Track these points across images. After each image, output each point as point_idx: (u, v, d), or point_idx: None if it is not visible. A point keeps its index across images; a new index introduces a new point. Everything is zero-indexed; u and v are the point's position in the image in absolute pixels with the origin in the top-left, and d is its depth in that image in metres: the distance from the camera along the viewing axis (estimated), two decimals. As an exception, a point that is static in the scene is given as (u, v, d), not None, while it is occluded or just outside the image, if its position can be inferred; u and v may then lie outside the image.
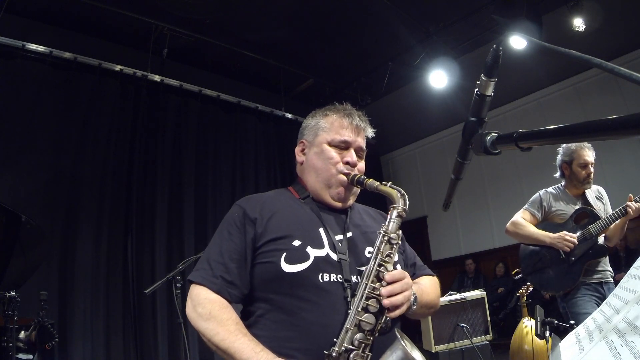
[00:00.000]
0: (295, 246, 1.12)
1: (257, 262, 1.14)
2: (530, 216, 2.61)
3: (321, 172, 1.26)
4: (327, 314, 1.06)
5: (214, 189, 5.40)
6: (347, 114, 1.31)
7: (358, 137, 1.29)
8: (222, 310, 1.06)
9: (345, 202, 1.28)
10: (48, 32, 4.59)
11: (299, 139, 1.36)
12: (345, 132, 1.27)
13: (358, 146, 1.29)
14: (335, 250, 1.16)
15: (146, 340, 4.39)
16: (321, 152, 1.27)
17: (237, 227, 1.17)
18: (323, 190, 1.26)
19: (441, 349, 3.54)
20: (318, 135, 1.30)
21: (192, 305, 1.10)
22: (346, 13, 5.23)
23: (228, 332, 1.01)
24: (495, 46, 0.74)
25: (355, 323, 1.01)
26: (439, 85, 5.69)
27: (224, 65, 5.97)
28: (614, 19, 5.06)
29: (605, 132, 0.54)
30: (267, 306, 1.10)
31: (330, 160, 1.25)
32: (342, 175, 1.24)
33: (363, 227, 1.28)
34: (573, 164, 2.53)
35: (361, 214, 1.35)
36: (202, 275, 1.12)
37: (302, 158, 1.33)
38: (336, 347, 0.99)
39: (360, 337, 1.00)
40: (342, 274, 1.12)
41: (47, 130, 4.25)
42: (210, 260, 1.14)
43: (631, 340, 0.67)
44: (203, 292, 1.09)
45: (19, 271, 2.67)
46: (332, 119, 1.30)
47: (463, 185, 0.90)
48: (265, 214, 1.18)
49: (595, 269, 2.43)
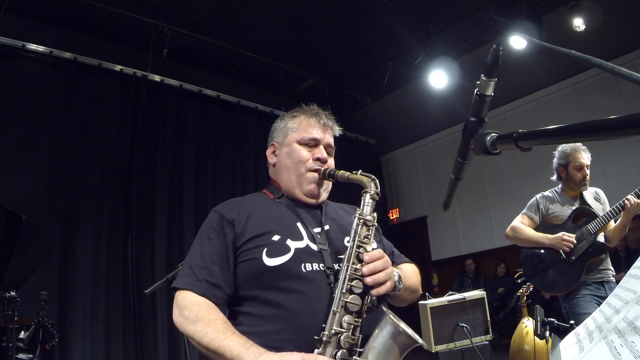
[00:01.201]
0: (275, 240, 1.15)
1: (240, 261, 1.15)
2: (528, 220, 2.65)
3: (293, 170, 1.29)
4: (314, 302, 1.08)
5: (214, 188, 5.40)
6: (314, 113, 1.35)
7: (326, 135, 1.33)
8: (208, 311, 1.06)
9: (318, 197, 1.30)
10: (48, 32, 4.60)
11: (269, 142, 1.39)
12: (313, 130, 1.31)
13: (327, 143, 1.33)
14: (314, 242, 1.18)
15: (146, 340, 4.39)
16: (291, 151, 1.30)
17: (216, 230, 1.18)
18: (296, 188, 1.29)
19: (441, 349, 3.54)
20: (287, 136, 1.33)
21: (178, 311, 1.10)
22: (346, 13, 5.23)
23: (217, 332, 1.01)
24: (495, 46, 0.74)
25: (341, 305, 1.02)
26: (439, 85, 5.69)
27: (224, 65, 5.97)
28: (614, 19, 5.06)
29: (605, 132, 0.54)
30: (254, 303, 1.12)
31: (300, 158, 1.28)
32: (312, 172, 1.28)
33: (338, 220, 1.31)
34: (569, 166, 2.56)
35: (336, 210, 1.38)
36: (186, 281, 1.12)
37: (274, 159, 1.36)
38: (325, 331, 1.00)
39: (348, 319, 1.01)
40: (324, 262, 1.15)
41: (47, 130, 4.25)
42: (192, 266, 1.14)
43: (631, 340, 0.67)
44: (188, 296, 1.10)
45: (19, 271, 2.67)
46: (300, 119, 1.34)
47: (463, 185, 0.90)
48: (242, 215, 1.20)
49: (596, 268, 2.45)
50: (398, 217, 8.18)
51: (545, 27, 4.80)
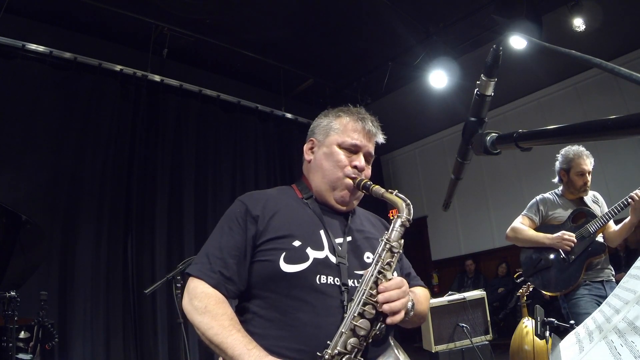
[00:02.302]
0: (295, 246, 1.12)
1: (256, 259, 1.13)
2: (528, 221, 2.65)
3: (328, 173, 1.24)
4: (322, 316, 1.06)
5: (214, 188, 5.40)
6: (361, 117, 1.29)
7: (369, 143, 1.29)
8: (217, 305, 1.06)
9: (349, 206, 1.27)
10: (48, 32, 4.59)
11: (309, 137, 1.35)
12: (357, 135, 1.26)
13: (367, 151, 1.28)
14: (334, 253, 1.15)
15: (146, 340, 4.39)
16: (330, 153, 1.26)
17: (239, 223, 1.16)
18: (328, 192, 1.25)
19: (441, 349, 3.54)
20: (329, 136, 1.28)
21: (188, 298, 1.09)
22: (346, 13, 5.23)
23: (222, 327, 1.01)
24: (495, 46, 0.74)
25: (350, 327, 1.01)
26: (439, 85, 5.69)
27: (224, 65, 5.97)
28: (614, 19, 5.06)
29: (605, 132, 0.54)
30: (263, 304, 1.10)
31: (338, 162, 1.24)
32: (348, 179, 1.23)
33: (364, 232, 1.28)
34: (570, 172, 2.56)
35: (362, 220, 1.34)
36: (201, 269, 1.11)
37: (311, 157, 1.32)
38: (329, 349, 0.99)
39: (354, 342, 1.00)
40: (339, 277, 1.12)
41: (47, 130, 4.25)
42: (209, 255, 1.13)
43: (631, 340, 0.67)
44: (200, 285, 1.09)
45: (19, 271, 2.67)
46: (345, 121, 1.29)
47: (463, 185, 0.90)
48: (267, 212, 1.18)
49: (596, 268, 2.46)
50: (398, 217, 8.17)
51: (545, 27, 4.80)
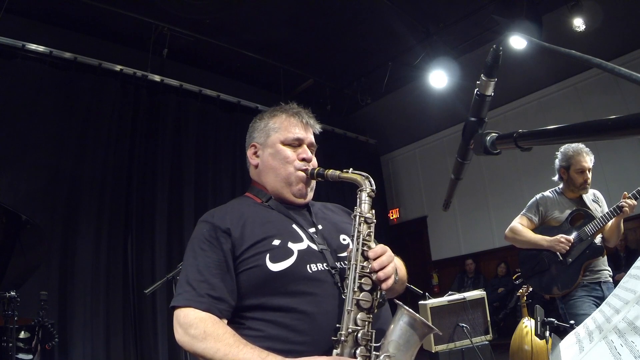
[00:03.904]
0: (276, 245, 1.13)
1: (241, 270, 1.11)
2: (527, 221, 2.65)
3: (280, 171, 1.27)
4: (326, 302, 1.07)
5: (214, 188, 5.40)
6: (295, 112, 1.33)
7: (308, 134, 1.32)
8: (216, 326, 1.02)
9: (306, 197, 1.30)
10: (48, 32, 4.59)
11: (249, 143, 1.36)
12: (296, 130, 1.29)
13: (310, 142, 1.32)
14: (314, 242, 1.18)
15: (146, 340, 4.39)
16: (276, 152, 1.28)
17: (209, 241, 1.14)
18: (284, 189, 1.27)
19: (441, 349, 3.54)
20: (270, 136, 1.30)
21: (182, 330, 1.03)
22: (346, 13, 5.23)
23: (229, 346, 0.97)
24: (495, 46, 0.74)
25: (354, 303, 1.03)
26: (439, 85, 5.69)
27: (224, 65, 5.97)
28: (614, 19, 5.06)
29: (605, 132, 0.54)
30: (261, 311, 1.08)
31: (286, 158, 1.27)
32: (300, 172, 1.26)
33: (328, 219, 1.32)
34: (570, 169, 2.55)
35: (322, 209, 1.38)
36: (186, 298, 1.06)
37: (257, 161, 1.33)
38: (342, 330, 1.00)
39: (362, 316, 1.02)
40: (326, 262, 1.14)
41: (47, 131, 4.24)
42: (190, 281, 1.08)
43: (631, 340, 0.67)
44: (192, 313, 1.04)
45: (19, 271, 2.67)
46: (282, 119, 1.32)
47: (463, 185, 0.90)
48: (235, 222, 1.17)
49: (593, 269, 2.45)
50: (398, 217, 8.18)
51: (545, 27, 4.80)
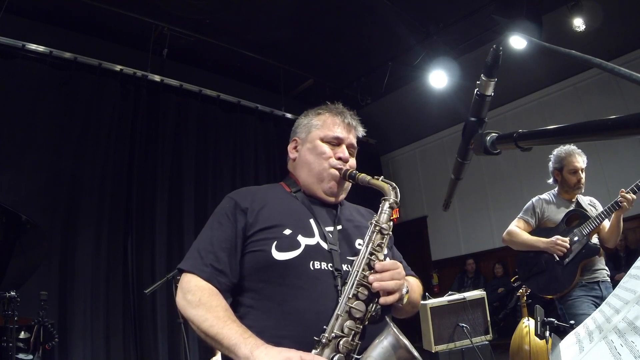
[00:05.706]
0: (285, 234, 1.14)
1: (248, 251, 1.14)
2: (524, 224, 2.67)
3: (314, 166, 1.28)
4: (318, 301, 1.07)
5: (214, 188, 5.39)
6: (339, 112, 1.35)
7: (350, 135, 1.33)
8: (211, 297, 1.06)
9: (337, 196, 1.30)
10: (48, 32, 4.59)
11: (292, 137, 1.40)
12: (337, 129, 1.31)
13: (350, 143, 1.32)
14: (325, 240, 1.17)
15: (146, 340, 4.39)
16: (314, 147, 1.30)
17: (228, 217, 1.17)
18: (315, 185, 1.28)
19: (441, 349, 3.54)
20: (311, 133, 1.33)
21: (182, 294, 1.10)
22: (346, 13, 5.23)
23: (217, 319, 1.01)
24: (495, 46, 0.74)
25: (345, 310, 1.02)
26: (439, 85, 5.69)
27: (224, 65, 5.97)
28: (614, 19, 5.06)
29: (605, 132, 0.54)
30: (257, 296, 1.10)
31: (323, 154, 1.28)
32: (334, 170, 1.26)
33: (354, 221, 1.31)
34: (563, 170, 2.59)
35: (351, 211, 1.37)
36: (192, 264, 1.12)
37: (295, 155, 1.36)
38: (326, 333, 1.00)
39: (350, 325, 1.01)
40: (332, 262, 1.13)
41: (47, 130, 4.24)
42: (200, 249, 1.14)
43: (631, 340, 0.67)
44: (193, 279, 1.09)
45: (19, 271, 2.67)
46: (325, 117, 1.34)
47: (463, 185, 0.90)
48: (256, 204, 1.20)
49: (591, 269, 2.47)
50: (398, 217, 8.17)
51: (545, 27, 4.80)
